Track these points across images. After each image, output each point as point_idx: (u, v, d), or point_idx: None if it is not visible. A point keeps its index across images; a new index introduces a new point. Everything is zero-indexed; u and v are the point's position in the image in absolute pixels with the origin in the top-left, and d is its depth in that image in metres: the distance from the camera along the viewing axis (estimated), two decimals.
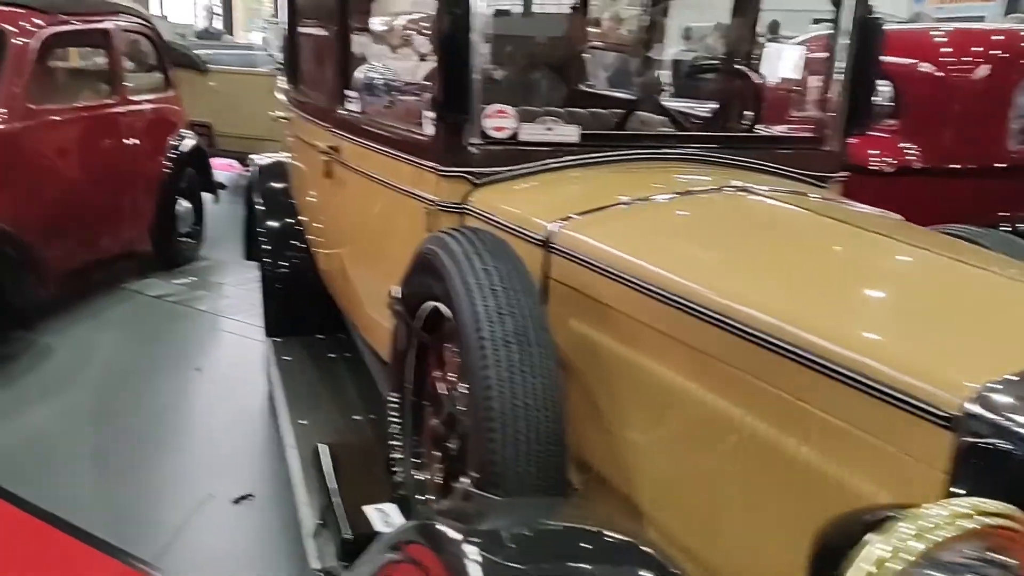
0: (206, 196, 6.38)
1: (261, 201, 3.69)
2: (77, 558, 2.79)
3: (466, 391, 1.74)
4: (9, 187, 4.26)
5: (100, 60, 5.41)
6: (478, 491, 1.46)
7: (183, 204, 5.96)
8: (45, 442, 3.51)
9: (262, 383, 4.03)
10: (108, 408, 3.85)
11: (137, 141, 5.34)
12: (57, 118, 4.66)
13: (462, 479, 1.64)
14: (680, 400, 1.53)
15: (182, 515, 2.99)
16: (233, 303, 5.34)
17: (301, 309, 3.59)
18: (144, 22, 5.73)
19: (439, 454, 1.93)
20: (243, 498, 3.08)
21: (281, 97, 3.91)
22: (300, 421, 2.77)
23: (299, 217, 3.61)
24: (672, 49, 4.31)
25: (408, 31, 5.65)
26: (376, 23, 3.80)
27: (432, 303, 1.85)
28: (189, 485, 3.22)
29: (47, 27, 4.59)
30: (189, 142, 5.98)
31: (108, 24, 5.18)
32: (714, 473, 1.49)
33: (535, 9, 4.35)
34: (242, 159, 9.14)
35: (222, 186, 6.79)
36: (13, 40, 4.37)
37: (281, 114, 3.81)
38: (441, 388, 1.91)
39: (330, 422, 2.79)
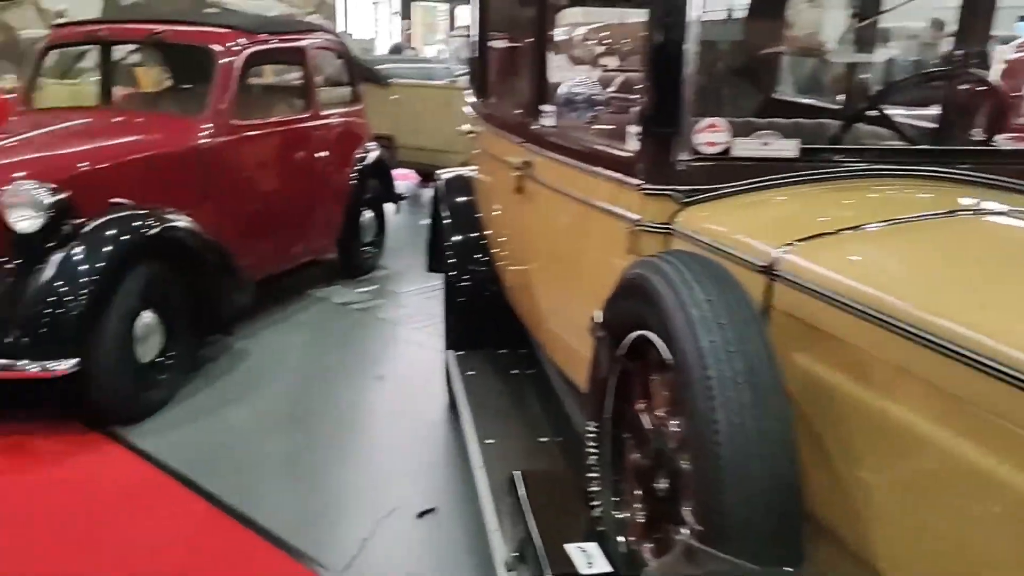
0: (388, 207, 6.56)
1: (448, 214, 3.70)
2: (268, 561, 2.87)
3: (678, 428, 1.61)
4: (213, 199, 4.52)
5: (295, 76, 5.67)
6: (702, 546, 1.33)
7: (367, 214, 6.15)
8: (240, 442, 3.66)
9: (441, 394, 4.05)
10: (297, 411, 3.99)
11: (327, 154, 5.55)
12: (256, 132, 4.90)
13: (681, 530, 1.51)
14: (937, 453, 1.34)
15: (367, 526, 3.02)
16: (411, 312, 5.45)
17: (483, 323, 3.56)
18: (335, 39, 5.96)
19: (642, 492, 1.81)
20: (426, 512, 3.08)
21: (468, 110, 3.92)
22: (487, 440, 2.72)
23: (484, 231, 3.59)
24: (882, 52, 3.99)
25: (588, 41, 5.58)
26: (559, 35, 3.74)
27: (640, 331, 1.73)
28: (373, 495, 3.26)
29: (250, 46, 4.84)
30: (373, 154, 6.16)
31: (304, 42, 5.42)
32: (978, 541, 1.29)
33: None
34: (420, 170, 9.43)
35: (402, 197, 6.97)
36: (220, 59, 4.63)
37: (469, 128, 3.81)
38: (646, 421, 1.79)
39: (517, 443, 2.73)
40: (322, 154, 5.51)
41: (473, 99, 3.89)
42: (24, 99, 4.95)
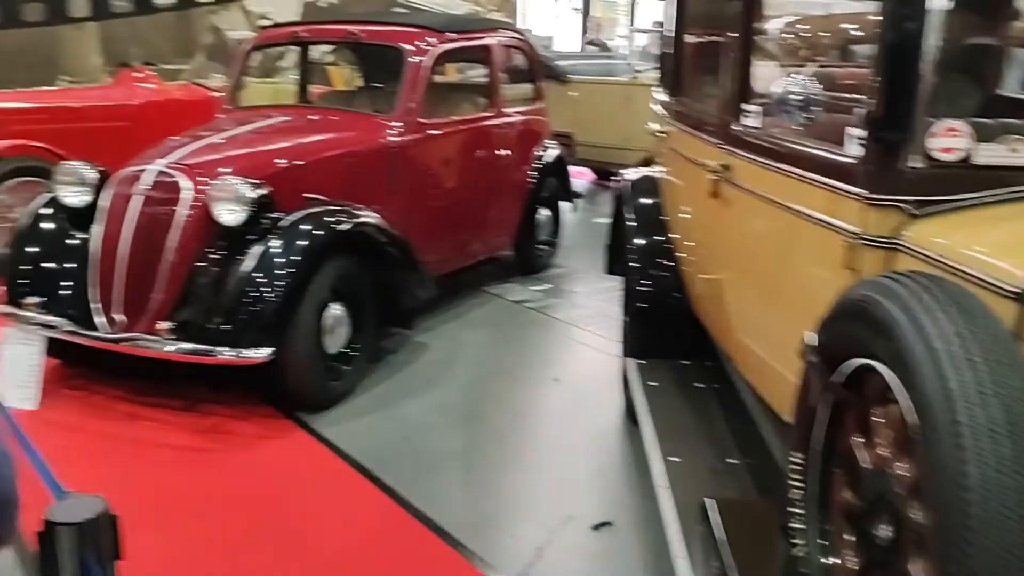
0: (564, 205, 6.51)
1: (632, 216, 3.58)
2: (442, 560, 2.87)
3: (907, 472, 1.43)
4: (400, 196, 4.62)
5: (480, 74, 5.71)
6: None
7: (543, 213, 6.12)
8: (417, 435, 3.71)
9: (617, 401, 3.95)
10: (474, 409, 4.00)
11: (508, 152, 5.56)
12: (442, 131, 4.97)
13: None
14: None
15: (542, 533, 2.96)
16: (586, 314, 5.36)
17: (666, 331, 3.42)
18: (521, 37, 5.96)
19: (856, 537, 1.63)
20: (602, 525, 2.99)
21: (657, 109, 3.78)
22: (671, 458, 2.59)
23: (670, 235, 3.45)
24: None
25: (785, 36, 5.25)
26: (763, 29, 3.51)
27: (863, 360, 1.56)
28: (548, 500, 3.20)
29: (439, 45, 4.90)
30: (553, 152, 6.12)
31: (489, 40, 5.45)
32: None
33: None
34: (595, 168, 9.33)
35: (579, 195, 6.90)
36: (410, 59, 4.72)
37: (658, 128, 3.67)
38: (864, 459, 1.61)
39: (704, 463, 2.58)
40: (503, 152, 5.53)
41: (663, 97, 3.75)
42: (230, 97, 5.25)
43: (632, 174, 3.89)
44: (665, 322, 3.42)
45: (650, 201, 3.66)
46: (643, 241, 3.53)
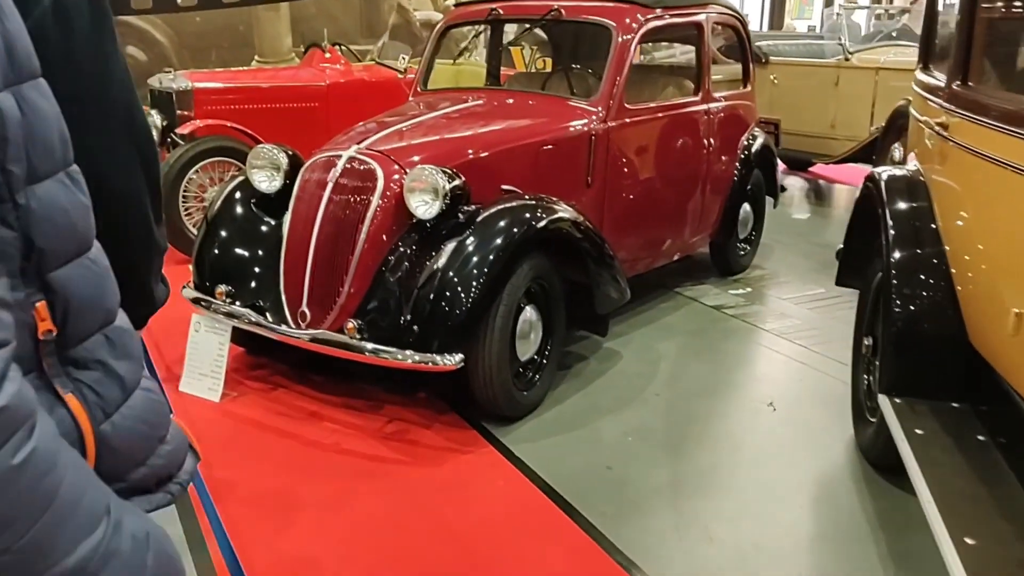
0: (767, 200, 5.89)
1: (891, 224, 2.99)
2: None
3: None
4: (596, 188, 4.21)
5: (686, 54, 5.20)
6: None
7: (745, 208, 5.53)
8: (615, 463, 3.29)
9: (846, 434, 3.41)
10: (677, 436, 3.54)
11: (714, 141, 5.02)
12: (646, 117, 4.51)
13: None
14: None
15: None
16: (795, 325, 4.78)
17: (929, 364, 2.83)
18: (735, 13, 5.38)
19: None
20: None
21: (923, 93, 3.15)
22: (966, 540, 2.04)
23: (943, 249, 2.84)
24: None
25: None
26: None
27: None
28: (777, 563, 2.70)
29: (646, 23, 4.43)
30: (759, 142, 5.53)
31: (700, 16, 4.91)
32: None
33: None
34: (792, 158, 8.56)
35: (783, 189, 6.26)
36: (618, 37, 4.27)
37: (924, 118, 3.04)
38: None
39: (1011, 553, 2.02)
40: (709, 141, 4.99)
41: (933, 80, 3.12)
42: (421, 80, 4.99)
43: (886, 173, 3.28)
44: (930, 352, 2.82)
45: (912, 205, 3.05)
46: (903, 254, 2.94)
